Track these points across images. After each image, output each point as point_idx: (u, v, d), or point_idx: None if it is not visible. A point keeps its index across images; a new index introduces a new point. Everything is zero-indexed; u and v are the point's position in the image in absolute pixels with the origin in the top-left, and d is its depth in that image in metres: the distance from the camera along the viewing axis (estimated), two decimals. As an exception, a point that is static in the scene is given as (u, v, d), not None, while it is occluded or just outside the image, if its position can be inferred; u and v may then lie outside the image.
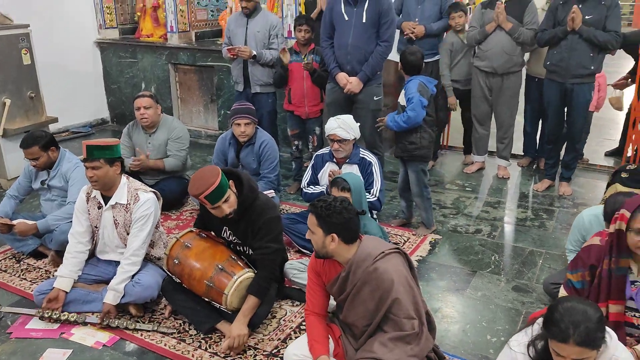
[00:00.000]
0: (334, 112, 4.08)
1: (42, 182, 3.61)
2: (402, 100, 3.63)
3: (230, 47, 4.55)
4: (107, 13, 6.60)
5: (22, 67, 4.82)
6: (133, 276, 2.92)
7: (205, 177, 2.65)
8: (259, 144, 3.90)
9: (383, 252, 2.25)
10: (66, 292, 2.95)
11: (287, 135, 4.92)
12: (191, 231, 2.95)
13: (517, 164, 5.30)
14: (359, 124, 3.61)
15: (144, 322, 2.89)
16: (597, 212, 2.95)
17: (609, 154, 5.54)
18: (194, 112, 6.46)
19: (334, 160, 3.61)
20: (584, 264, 2.45)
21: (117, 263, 2.98)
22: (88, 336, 2.81)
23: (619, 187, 3.31)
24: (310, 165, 3.73)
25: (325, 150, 3.71)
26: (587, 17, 4.06)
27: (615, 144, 5.64)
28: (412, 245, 3.72)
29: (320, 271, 2.41)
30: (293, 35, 5.21)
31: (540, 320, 1.90)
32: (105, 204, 2.95)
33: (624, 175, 3.33)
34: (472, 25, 4.73)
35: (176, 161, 4.23)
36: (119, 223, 2.96)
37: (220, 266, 2.72)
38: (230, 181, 2.74)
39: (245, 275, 2.73)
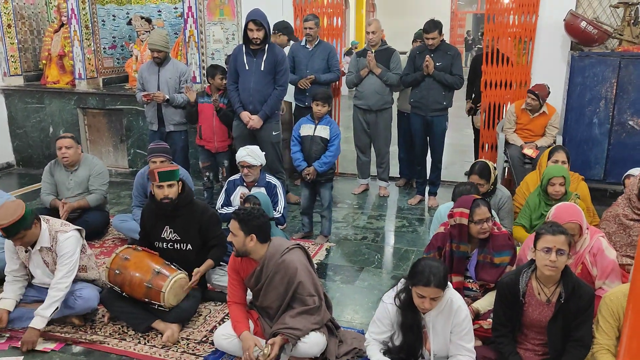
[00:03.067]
0: (241, 144, 4.80)
1: None
2: (324, 133, 4.52)
3: (146, 93, 5.14)
4: (12, 61, 6.85)
5: None
6: (73, 292, 3.36)
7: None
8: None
9: (288, 248, 2.97)
10: (9, 311, 3.32)
11: (199, 169, 5.53)
12: (128, 247, 3.48)
13: (395, 184, 6.29)
14: (264, 152, 4.36)
15: (85, 332, 3.35)
16: (449, 205, 3.86)
17: (467, 173, 6.71)
18: (104, 152, 6.84)
19: (244, 184, 4.29)
20: (434, 247, 3.33)
21: None
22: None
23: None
24: (224, 189, 4.39)
25: (236, 176, 4.39)
26: (437, 64, 5.17)
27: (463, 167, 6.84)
28: (312, 252, 4.47)
29: (239, 268, 3.07)
30: (199, 81, 5.92)
31: (402, 280, 2.71)
32: (33, 248, 3.28)
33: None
34: (350, 71, 5.72)
35: (98, 196, 4.68)
36: (48, 263, 3.33)
37: (156, 270, 3.29)
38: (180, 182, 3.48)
39: (178, 276, 3.31)
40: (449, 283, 2.63)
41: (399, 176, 6.41)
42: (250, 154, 4.18)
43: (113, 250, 4.53)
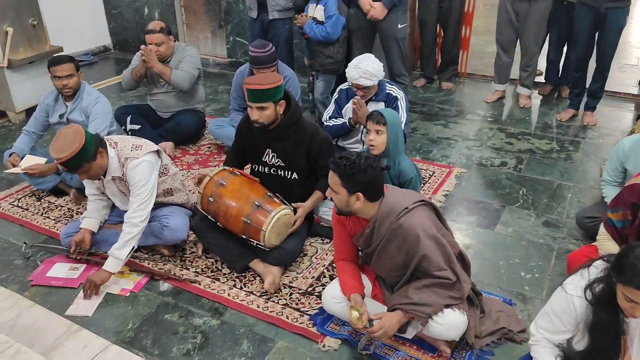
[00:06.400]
0: (359, 39, 3.92)
1: (61, 116, 3.48)
2: (319, 15, 3.88)
3: None
4: None
5: (20, -9, 4.54)
6: (159, 219, 2.86)
7: (262, 79, 2.61)
8: (280, 79, 3.74)
9: (407, 208, 2.16)
10: (93, 233, 2.91)
11: (304, 64, 4.73)
12: (224, 169, 2.86)
13: (537, 93, 5.15)
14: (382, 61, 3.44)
15: (174, 264, 2.88)
16: (637, 137, 2.85)
17: None
18: (201, 38, 6.20)
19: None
20: (625, 202, 2.39)
21: None
22: (111, 284, 2.73)
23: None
24: (334, 99, 3.59)
25: (349, 84, 3.55)
26: None
27: (637, 71, 5.46)
28: (438, 179, 3.66)
29: (345, 223, 2.35)
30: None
31: (598, 263, 1.87)
32: (105, 178, 2.74)
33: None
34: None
35: (184, 74, 3.99)
36: (125, 192, 2.80)
37: (257, 203, 2.67)
38: (282, 101, 2.71)
39: (282, 211, 2.68)
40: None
41: (544, 82, 5.22)
42: (364, 75, 3.24)
43: (209, 160, 4.00)
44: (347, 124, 3.39)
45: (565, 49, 4.93)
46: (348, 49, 4.20)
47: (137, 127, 4.05)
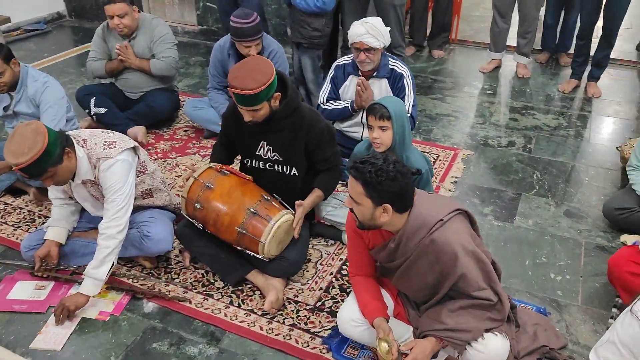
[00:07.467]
0: (351, 8, 3.49)
1: (5, 108, 2.99)
2: None
3: None
4: None
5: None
6: (138, 227, 2.46)
7: (250, 76, 2.15)
8: (266, 54, 3.29)
9: (441, 220, 1.82)
10: (61, 245, 2.48)
11: (282, 33, 4.27)
12: (210, 167, 2.45)
13: (534, 60, 4.84)
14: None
15: (158, 278, 2.50)
16: None
17: None
18: (167, 4, 5.61)
19: (359, 73, 3.06)
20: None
21: None
22: (87, 307, 2.30)
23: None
24: (329, 77, 3.17)
25: (346, 59, 3.13)
26: None
27: (637, 34, 5.20)
28: (445, 163, 3.34)
29: (362, 233, 2.00)
30: None
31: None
32: (73, 181, 2.30)
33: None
34: None
35: (164, 64, 3.57)
36: (98, 197, 2.37)
37: (252, 209, 2.28)
38: (277, 93, 2.26)
39: (283, 218, 2.30)
40: None
41: (540, 49, 4.91)
42: (371, 31, 2.84)
43: (186, 146, 3.57)
44: (350, 108, 3.01)
45: (562, 13, 4.63)
46: (338, 20, 3.78)
47: (102, 110, 3.57)
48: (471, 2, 6.24)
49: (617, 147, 3.32)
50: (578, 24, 4.25)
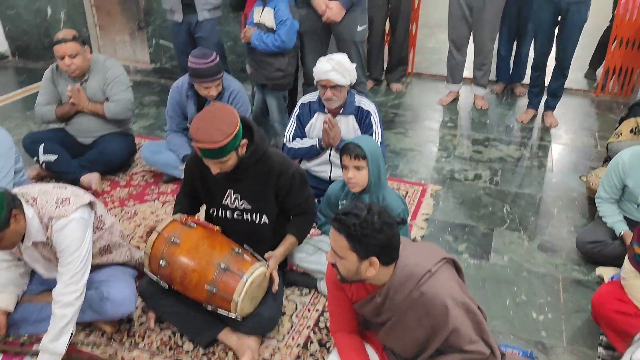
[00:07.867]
0: (311, 45, 3.44)
1: None
2: (267, 20, 3.34)
3: None
4: None
5: None
6: (97, 288, 2.25)
7: (214, 127, 2.01)
8: (227, 94, 3.18)
9: (429, 271, 1.74)
10: (9, 313, 2.25)
11: (240, 70, 4.17)
12: (174, 220, 2.29)
13: (490, 91, 4.92)
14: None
15: (121, 344, 2.29)
16: (637, 150, 2.59)
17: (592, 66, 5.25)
18: (118, 42, 5.44)
19: (325, 110, 2.99)
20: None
21: None
22: None
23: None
24: (295, 115, 3.09)
25: (311, 97, 3.06)
26: None
27: (585, 63, 5.38)
28: (414, 200, 3.28)
29: (345, 287, 1.90)
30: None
31: None
32: (22, 243, 2.09)
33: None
34: None
35: (119, 106, 3.39)
36: (50, 259, 2.17)
37: (223, 265, 2.13)
38: (244, 140, 2.12)
39: (256, 272, 2.15)
40: None
41: (495, 80, 5.01)
42: (337, 68, 2.80)
43: (145, 192, 3.38)
44: (317, 146, 2.93)
45: (515, 44, 4.75)
46: (299, 58, 3.72)
47: (52, 157, 3.35)
48: (423, 33, 6.34)
49: (580, 177, 3.36)
50: (531, 54, 4.35)
